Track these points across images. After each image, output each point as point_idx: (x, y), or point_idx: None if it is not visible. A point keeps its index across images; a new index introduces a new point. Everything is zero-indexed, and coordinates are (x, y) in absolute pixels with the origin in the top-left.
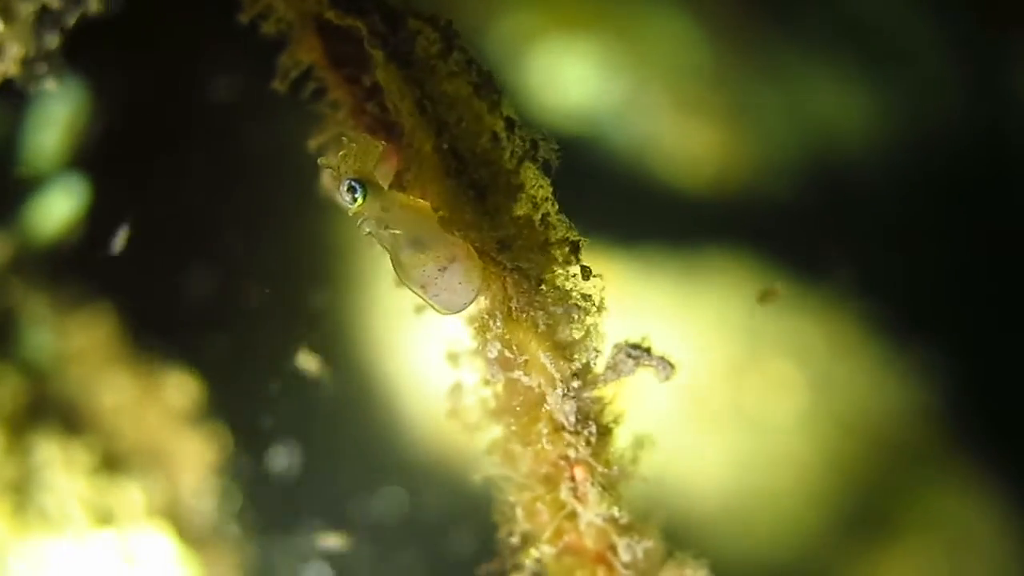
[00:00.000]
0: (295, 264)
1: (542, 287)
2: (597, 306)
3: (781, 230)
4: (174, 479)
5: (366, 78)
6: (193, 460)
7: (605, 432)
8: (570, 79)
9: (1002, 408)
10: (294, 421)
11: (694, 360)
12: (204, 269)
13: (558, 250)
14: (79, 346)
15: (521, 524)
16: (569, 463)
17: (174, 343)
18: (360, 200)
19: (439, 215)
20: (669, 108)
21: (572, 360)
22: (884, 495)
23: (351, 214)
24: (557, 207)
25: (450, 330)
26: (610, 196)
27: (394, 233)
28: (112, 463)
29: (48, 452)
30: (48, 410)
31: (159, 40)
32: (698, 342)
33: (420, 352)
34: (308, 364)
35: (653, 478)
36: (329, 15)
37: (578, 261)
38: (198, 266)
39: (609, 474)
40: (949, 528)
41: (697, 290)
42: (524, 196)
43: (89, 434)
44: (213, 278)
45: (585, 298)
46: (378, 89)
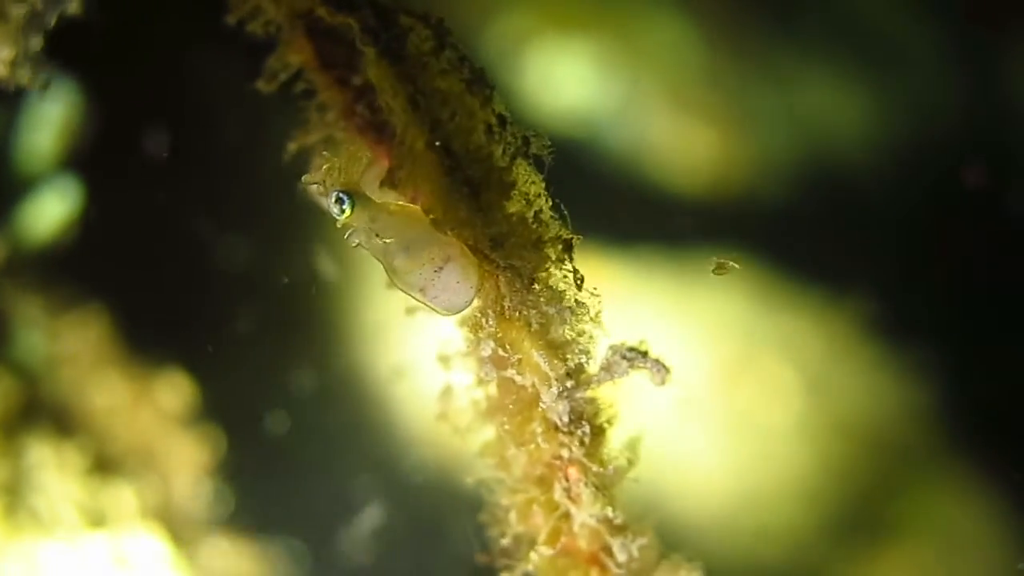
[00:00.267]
0: (286, 265)
1: (535, 286)
2: (591, 306)
3: (778, 232)
4: (167, 481)
5: (356, 79)
6: (186, 462)
7: (599, 432)
8: (566, 80)
9: (998, 411)
10: (287, 422)
11: (690, 362)
12: (196, 270)
13: (551, 248)
14: (71, 348)
15: (515, 526)
16: (563, 463)
17: (166, 345)
18: (348, 212)
19: (431, 217)
20: (665, 109)
21: (565, 359)
22: (879, 497)
23: (339, 226)
24: (550, 204)
25: (442, 331)
26: (606, 197)
27: (385, 242)
28: (104, 465)
29: (40, 454)
30: (40, 412)
31: (151, 42)
32: (694, 344)
33: (412, 354)
34: (301, 363)
35: (648, 480)
36: (320, 12)
37: (571, 259)
38: (190, 267)
39: (603, 474)
40: (944, 531)
41: (693, 292)
42: (517, 193)
43: (81, 436)
44: (205, 279)
45: (578, 290)
46: (368, 90)
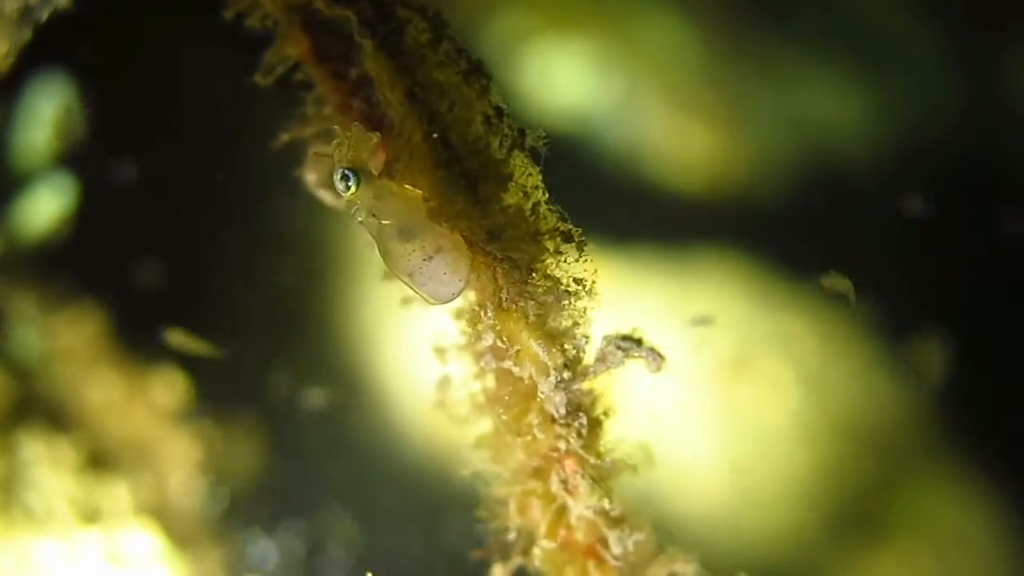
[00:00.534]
0: (283, 258)
1: (532, 276)
2: (588, 292)
3: (774, 230)
4: (161, 477)
5: (353, 73)
6: (180, 458)
7: (596, 424)
8: (564, 79)
9: (993, 409)
10: (282, 418)
11: (686, 360)
12: (191, 266)
13: (549, 240)
14: (66, 344)
15: (512, 519)
16: (560, 455)
17: (161, 341)
18: (353, 188)
19: (428, 205)
20: (663, 108)
21: (563, 350)
22: (875, 496)
23: (344, 202)
24: (548, 196)
25: (438, 323)
26: (603, 195)
27: (383, 222)
28: (99, 461)
29: (34, 450)
30: (34, 408)
31: (146, 38)
32: (691, 342)
33: (408, 345)
34: (297, 359)
35: (644, 476)
36: (318, 4)
37: (581, 251)
38: (185, 263)
39: (600, 466)
40: (940, 529)
41: (689, 290)
42: (514, 185)
43: (76, 432)
44: (199, 275)
45: (576, 282)
46: (365, 84)
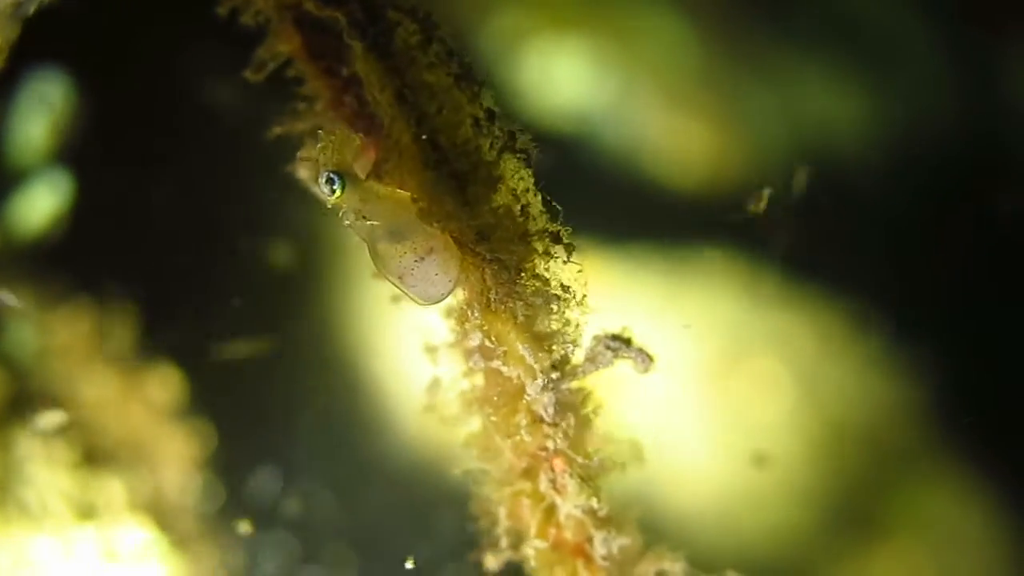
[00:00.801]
0: (274, 255)
1: (521, 277)
2: (576, 296)
3: (771, 229)
4: (157, 474)
5: (344, 70)
6: (176, 455)
7: (584, 423)
8: (562, 78)
9: (990, 407)
10: (277, 416)
11: (682, 357)
12: (185, 264)
13: (538, 241)
14: (62, 341)
15: (501, 518)
16: (548, 455)
17: (156, 339)
18: (339, 192)
19: (418, 206)
20: (661, 107)
21: (551, 351)
22: (871, 494)
23: (329, 206)
24: (539, 199)
25: (428, 321)
26: (600, 194)
27: (372, 224)
28: (94, 458)
29: (30, 447)
30: (30, 404)
31: (141, 34)
32: (686, 340)
33: (398, 344)
34: (294, 356)
35: (637, 476)
36: (308, 5)
37: (569, 253)
38: (180, 261)
39: (588, 465)
40: (936, 528)
41: (686, 288)
42: (504, 187)
43: (71, 429)
44: (193, 271)
45: (564, 288)
46: (356, 81)
